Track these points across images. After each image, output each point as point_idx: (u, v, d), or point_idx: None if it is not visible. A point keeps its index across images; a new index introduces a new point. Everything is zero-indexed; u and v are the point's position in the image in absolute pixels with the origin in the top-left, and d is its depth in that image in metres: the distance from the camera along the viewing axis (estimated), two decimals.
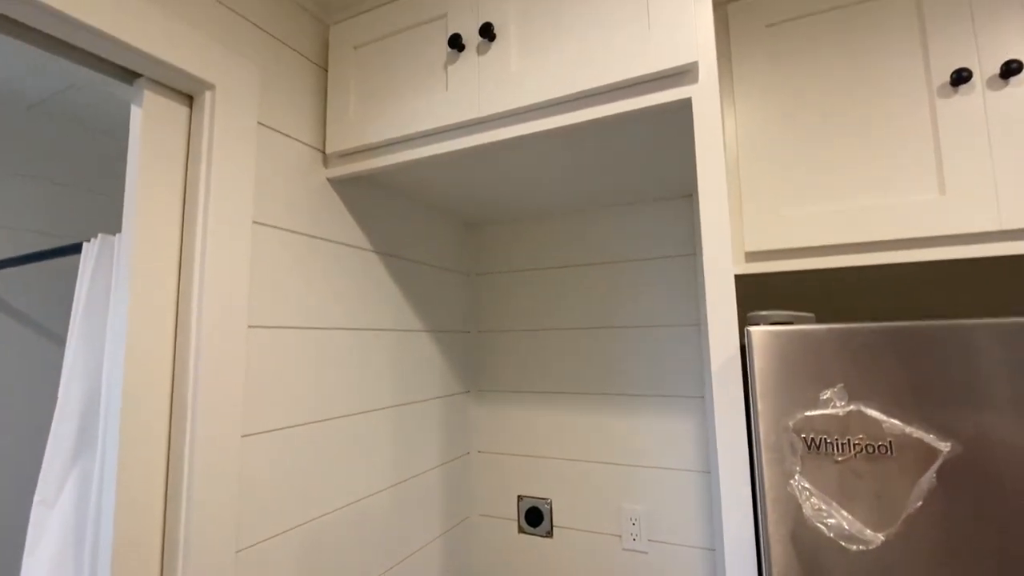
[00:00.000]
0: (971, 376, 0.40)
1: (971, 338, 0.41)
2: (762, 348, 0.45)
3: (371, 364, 1.09)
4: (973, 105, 0.80)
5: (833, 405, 0.42)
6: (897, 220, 0.82)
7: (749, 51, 0.95)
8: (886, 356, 0.42)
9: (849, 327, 0.44)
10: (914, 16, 0.85)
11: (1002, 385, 0.40)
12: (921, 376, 0.41)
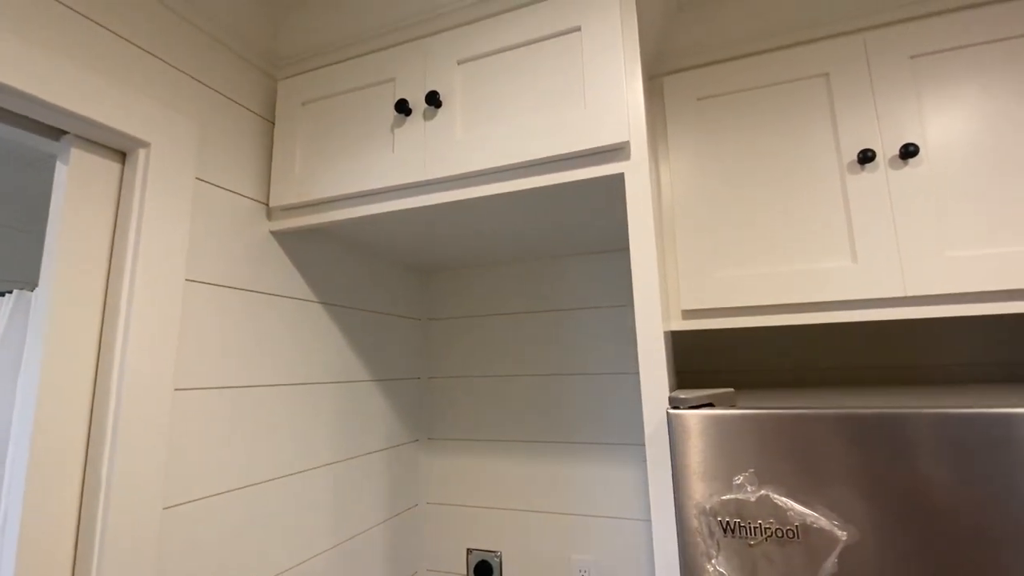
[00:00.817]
0: (871, 463, 0.43)
1: (870, 425, 0.44)
2: (681, 432, 0.47)
3: (311, 420, 1.05)
4: (878, 182, 0.88)
5: (745, 490, 0.44)
6: (816, 285, 0.88)
7: (683, 121, 1.01)
8: (793, 441, 0.45)
9: (758, 412, 0.46)
10: (826, 98, 0.93)
11: (898, 472, 0.43)
12: (824, 461, 0.44)
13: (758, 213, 0.94)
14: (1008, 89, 0.84)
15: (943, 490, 0.42)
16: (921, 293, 0.83)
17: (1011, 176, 0.82)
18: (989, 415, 0.42)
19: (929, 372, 1.06)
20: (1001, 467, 0.41)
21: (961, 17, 0.87)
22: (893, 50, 0.90)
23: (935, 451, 0.43)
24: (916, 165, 0.86)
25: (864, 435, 0.44)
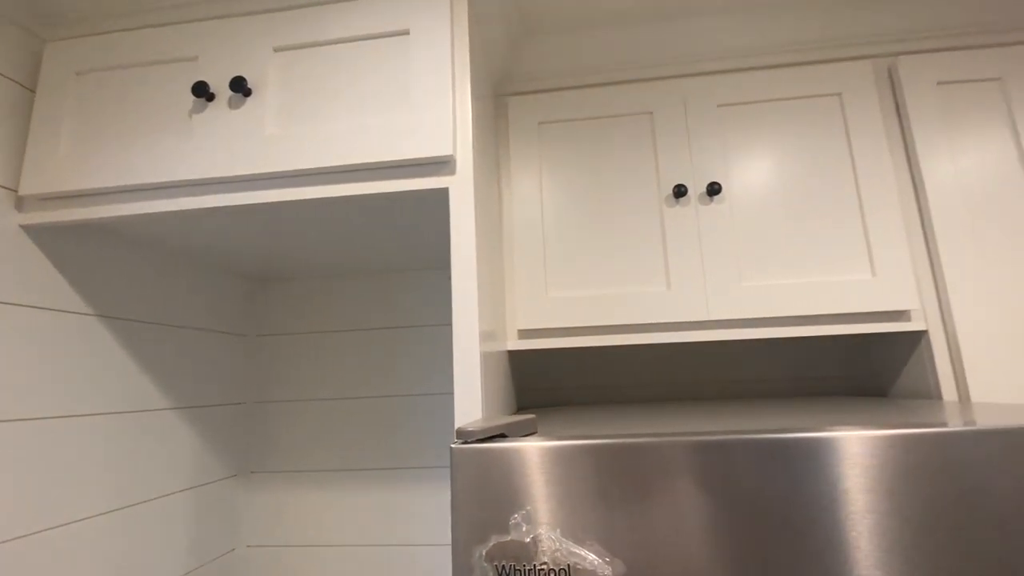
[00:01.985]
0: (645, 492, 0.43)
1: (644, 452, 0.44)
2: (460, 467, 0.43)
3: (72, 462, 0.85)
4: (689, 215, 0.96)
5: (519, 530, 0.41)
6: (636, 307, 0.93)
7: (526, 142, 1.02)
8: (569, 473, 0.43)
9: (540, 445, 0.44)
10: (650, 135, 1.00)
11: (670, 501, 0.43)
12: (599, 493, 0.43)
13: (590, 237, 0.98)
14: (798, 142, 0.97)
15: (716, 517, 0.43)
16: (721, 317, 0.92)
17: (798, 218, 0.94)
18: (761, 440, 0.44)
19: (736, 387, 1.18)
20: (773, 491, 0.43)
21: (764, 75, 0.99)
22: (705, 97, 1.00)
23: (705, 478, 0.44)
24: (720, 202, 0.96)
25: (639, 463, 0.44)
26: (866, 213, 0.92)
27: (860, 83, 0.97)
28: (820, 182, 0.95)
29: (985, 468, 0.44)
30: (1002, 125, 0.93)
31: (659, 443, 0.44)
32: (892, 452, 0.44)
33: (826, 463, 0.44)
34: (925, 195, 0.92)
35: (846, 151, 0.95)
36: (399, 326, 1.27)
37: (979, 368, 0.85)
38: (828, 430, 0.45)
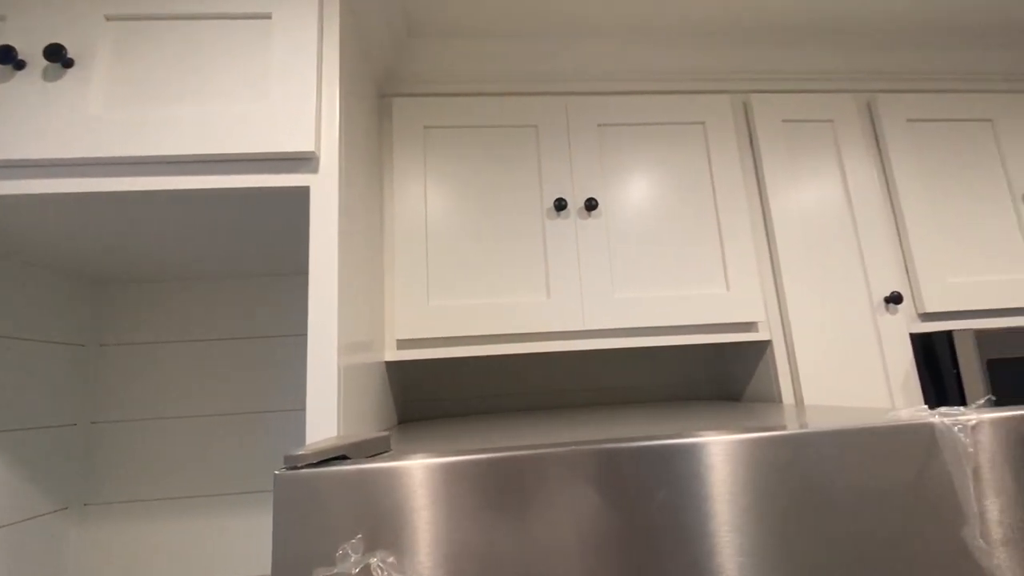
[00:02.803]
0: (491, 512, 0.41)
1: (497, 468, 0.43)
2: (284, 496, 0.39)
3: None
4: (569, 228, 0.99)
5: (346, 561, 0.38)
6: (517, 317, 0.94)
7: (410, 146, 0.99)
8: (407, 494, 0.41)
9: (375, 467, 0.41)
10: (535, 148, 1.02)
11: (512, 520, 0.42)
12: (440, 516, 0.41)
13: (474, 246, 0.97)
14: (668, 164, 1.03)
15: (559, 533, 0.43)
16: (596, 327, 0.95)
17: (666, 235, 1.00)
18: (603, 450, 0.44)
19: (613, 394, 1.23)
20: (622, 500, 0.44)
21: (639, 100, 1.05)
22: (586, 116, 1.04)
23: (553, 491, 0.43)
24: (597, 217, 1.00)
25: (490, 479, 0.43)
26: (723, 234, 1.01)
27: (720, 115, 1.06)
28: (685, 203, 1.02)
29: (821, 466, 0.48)
30: (832, 163, 1.07)
31: (505, 458, 0.44)
32: (739, 454, 0.47)
33: (682, 467, 0.46)
34: (771, 220, 1.03)
35: (708, 176, 1.04)
36: (262, 336, 1.17)
37: (811, 374, 0.96)
38: (689, 436, 0.47)
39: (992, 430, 0.46)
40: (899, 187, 1.06)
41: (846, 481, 0.47)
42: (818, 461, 0.48)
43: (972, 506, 0.44)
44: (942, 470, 0.45)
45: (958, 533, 0.44)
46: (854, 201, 1.05)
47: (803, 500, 0.46)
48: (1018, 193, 1.09)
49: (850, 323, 0.99)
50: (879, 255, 1.03)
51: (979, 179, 1.09)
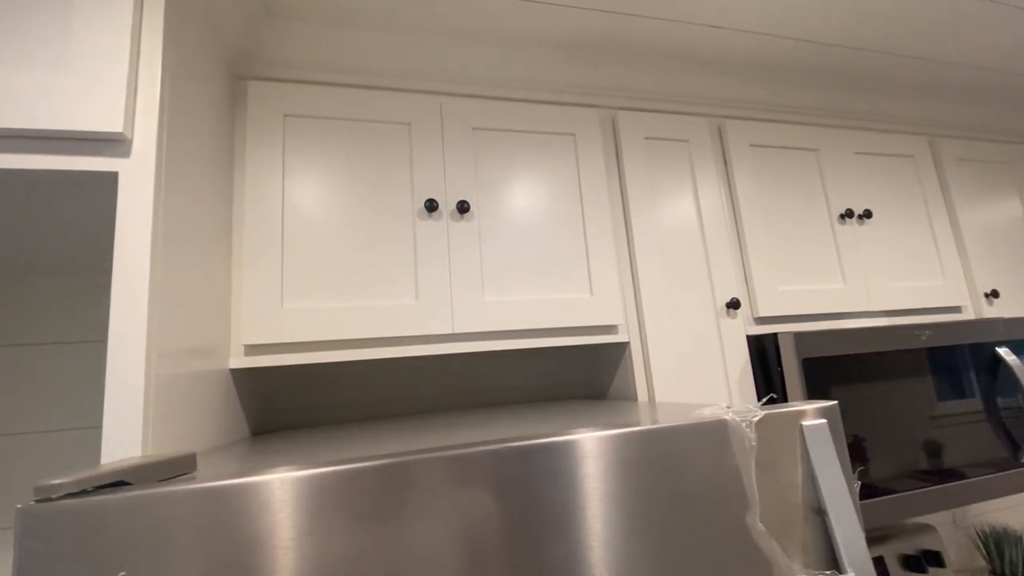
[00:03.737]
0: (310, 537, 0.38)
1: (318, 486, 0.39)
2: (28, 534, 0.33)
3: None
4: (440, 230, 0.97)
5: None
6: (385, 320, 0.91)
7: (267, 135, 0.92)
8: (185, 524, 0.37)
9: (148, 493, 0.37)
10: (407, 146, 0.99)
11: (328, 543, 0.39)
12: (215, 549, 0.37)
13: (336, 245, 0.92)
14: (539, 172, 1.06)
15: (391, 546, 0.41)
16: (466, 330, 0.95)
17: (535, 241, 1.02)
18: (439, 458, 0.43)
19: (486, 396, 1.24)
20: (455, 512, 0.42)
21: (513, 107, 1.07)
22: (461, 118, 1.03)
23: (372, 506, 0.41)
24: (469, 220, 1.00)
25: (308, 500, 0.40)
26: (589, 241, 1.06)
27: (590, 128, 1.11)
28: (555, 210, 1.06)
29: (639, 462, 0.51)
30: (687, 179, 1.17)
31: (324, 475, 0.41)
32: (603, 449, 0.48)
33: (549, 465, 0.46)
34: (632, 230, 1.10)
35: (576, 186, 1.08)
36: (71, 340, 1.01)
37: (663, 372, 1.04)
38: (561, 435, 0.47)
39: (770, 425, 0.52)
40: (741, 204, 1.18)
41: (659, 474, 0.50)
42: (636, 458, 0.51)
43: (754, 494, 0.49)
44: (732, 462, 0.50)
45: (743, 519, 0.49)
46: (704, 215, 1.15)
47: (617, 494, 0.49)
48: (835, 214, 1.27)
49: (697, 326, 1.09)
50: (723, 265, 1.14)
51: (805, 201, 1.25)
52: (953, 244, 1.38)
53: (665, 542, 0.48)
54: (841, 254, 1.24)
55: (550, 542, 0.46)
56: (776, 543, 0.49)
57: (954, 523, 1.59)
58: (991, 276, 1.39)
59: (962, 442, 1.12)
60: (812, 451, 0.52)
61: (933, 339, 1.14)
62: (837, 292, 1.21)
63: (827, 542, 0.51)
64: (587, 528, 0.47)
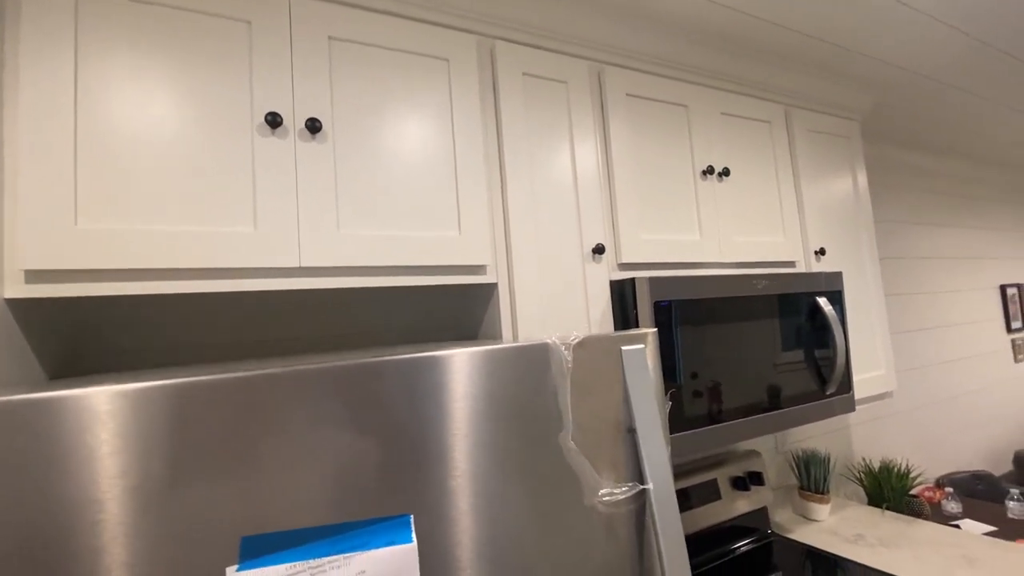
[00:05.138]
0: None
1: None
2: None
3: None
4: (285, 150, 0.87)
5: None
6: (212, 249, 0.80)
7: (51, 15, 0.73)
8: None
9: None
10: (245, 49, 0.86)
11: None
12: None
13: (149, 156, 0.78)
14: (409, 97, 0.97)
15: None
16: (316, 265, 0.87)
17: (402, 172, 0.95)
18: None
19: (342, 340, 1.18)
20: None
21: (379, 19, 0.96)
22: (314, 24, 0.91)
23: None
24: (322, 142, 0.90)
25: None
26: (459, 177, 1.01)
27: (465, 55, 1.04)
28: (424, 141, 0.99)
29: (470, 382, 0.49)
30: (564, 122, 1.15)
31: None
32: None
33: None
34: (505, 169, 1.07)
35: (448, 117, 1.02)
36: None
37: (528, 315, 1.05)
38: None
39: (591, 349, 0.53)
40: (614, 153, 1.20)
41: (482, 392, 0.49)
42: (463, 378, 0.49)
43: (568, 413, 0.50)
44: (551, 383, 0.51)
45: (557, 437, 0.50)
46: (577, 160, 1.15)
47: (436, 415, 0.47)
48: (698, 170, 1.34)
49: (564, 270, 1.10)
50: (592, 212, 1.15)
51: (672, 155, 1.31)
52: (795, 206, 1.54)
53: (485, 456, 0.48)
54: (700, 208, 1.33)
55: (373, 455, 0.43)
56: (587, 460, 0.51)
57: (776, 449, 1.86)
58: (820, 236, 1.58)
59: (785, 378, 1.28)
60: (628, 374, 0.54)
61: (767, 288, 1.27)
62: (694, 244, 1.30)
63: (636, 460, 0.54)
64: (411, 441, 0.44)
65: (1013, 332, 3.00)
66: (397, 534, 0.40)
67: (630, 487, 0.51)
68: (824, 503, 1.71)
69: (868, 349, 1.64)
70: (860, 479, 1.94)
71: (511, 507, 0.48)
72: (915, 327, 2.46)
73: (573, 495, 0.50)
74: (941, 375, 2.54)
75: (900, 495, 1.86)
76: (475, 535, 0.46)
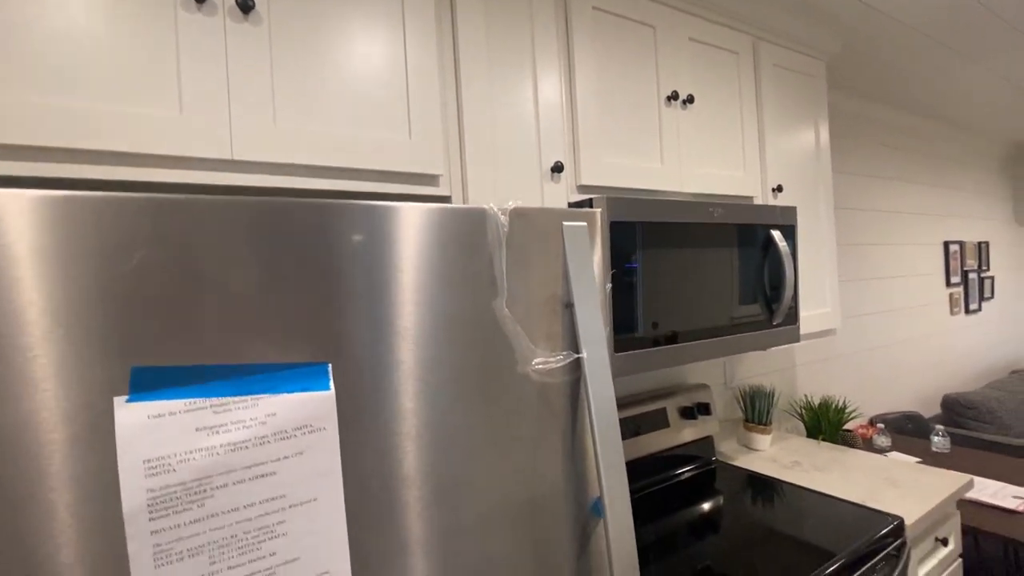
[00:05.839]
0: None
1: None
2: None
3: None
4: (214, 30, 0.78)
5: None
6: (129, 131, 0.73)
7: None
8: None
9: None
10: None
11: None
12: None
13: (71, 27, 0.69)
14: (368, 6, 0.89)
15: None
16: (250, 159, 0.81)
17: (344, 65, 0.88)
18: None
19: None
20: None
21: None
22: None
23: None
24: (257, 24, 0.82)
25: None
26: (410, 78, 0.95)
27: None
28: (372, 36, 0.92)
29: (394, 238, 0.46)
30: (526, 32, 1.09)
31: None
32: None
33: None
34: (461, 74, 1.01)
35: (399, 9, 0.95)
36: None
37: None
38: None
39: (533, 221, 0.51)
40: (577, 69, 1.15)
41: (423, 252, 0.47)
42: (404, 236, 0.46)
43: (503, 281, 0.48)
44: (487, 250, 0.48)
45: (491, 304, 0.48)
46: (539, 74, 1.10)
47: (375, 268, 0.44)
48: (663, 95, 1.31)
49: (520, 187, 1.07)
50: (553, 129, 1.12)
51: (637, 76, 1.27)
52: (756, 141, 1.53)
53: (415, 314, 0.46)
54: (663, 135, 1.30)
55: (288, 299, 0.40)
56: (521, 329, 0.49)
57: (725, 385, 1.93)
58: (779, 173, 1.59)
59: (735, 306, 1.31)
60: (569, 249, 0.52)
61: (723, 216, 1.27)
62: (655, 171, 1.28)
63: (572, 334, 0.53)
64: (331, 289, 0.42)
65: (951, 287, 3.17)
66: (313, 381, 0.38)
67: (565, 356, 0.50)
68: (766, 433, 1.81)
69: (817, 288, 1.69)
70: (801, 414, 2.05)
71: (441, 371, 0.46)
72: (861, 276, 2.57)
73: (507, 363, 0.48)
74: (882, 323, 2.67)
75: (835, 428, 1.98)
76: (398, 391, 0.44)
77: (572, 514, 0.53)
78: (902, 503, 1.33)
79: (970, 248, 3.33)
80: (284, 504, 0.37)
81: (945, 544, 1.42)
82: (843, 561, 1.08)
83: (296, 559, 0.37)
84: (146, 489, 0.32)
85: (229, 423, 0.35)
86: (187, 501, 0.33)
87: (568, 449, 0.53)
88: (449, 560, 0.45)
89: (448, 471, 0.46)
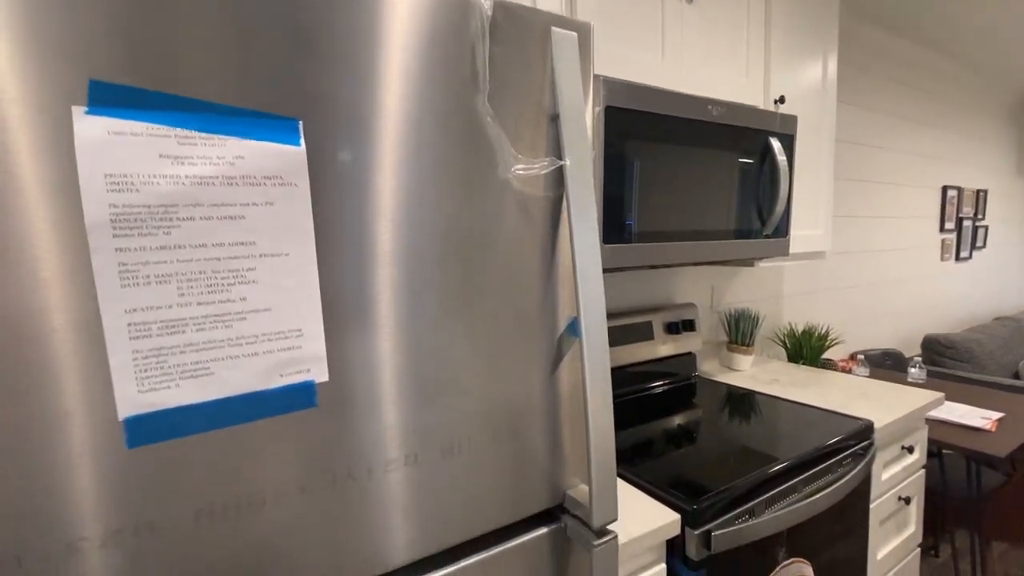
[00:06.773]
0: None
1: None
2: None
3: None
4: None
5: None
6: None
7: None
8: None
9: None
10: None
11: None
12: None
13: None
14: None
15: None
16: None
17: None
18: None
19: None
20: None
21: None
22: None
23: None
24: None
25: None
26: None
27: None
28: None
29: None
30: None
31: None
32: None
33: None
34: None
35: None
36: None
37: None
38: None
39: (519, 25, 0.48)
40: None
41: (403, 41, 0.45)
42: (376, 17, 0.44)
43: (485, 74, 0.46)
44: (469, 43, 0.46)
45: (473, 102, 0.47)
46: None
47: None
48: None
49: None
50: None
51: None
52: (762, 50, 1.48)
53: (400, 105, 0.44)
54: (665, 28, 1.25)
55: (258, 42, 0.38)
56: (504, 133, 0.48)
57: (711, 308, 1.96)
58: (782, 84, 1.54)
59: (727, 211, 1.30)
60: (557, 59, 0.50)
61: (721, 116, 1.24)
62: (655, 65, 1.24)
63: (555, 149, 0.52)
64: (324, 56, 0.40)
65: (944, 232, 3.18)
66: (283, 134, 0.37)
67: (549, 162, 0.49)
68: (748, 354, 1.84)
69: (810, 208, 1.68)
70: (784, 342, 2.09)
71: (422, 167, 0.45)
72: (857, 213, 2.56)
73: (488, 164, 0.47)
74: (872, 261, 2.69)
75: (816, 354, 2.03)
76: (372, 168, 0.43)
77: (548, 326, 0.54)
78: (873, 412, 1.38)
79: (968, 195, 3.31)
80: (254, 252, 0.36)
81: (911, 452, 1.49)
82: (810, 456, 1.12)
83: (267, 309, 0.37)
84: (108, 204, 0.32)
85: (195, 156, 0.34)
86: (152, 226, 0.33)
87: (547, 265, 0.53)
88: (423, 341, 0.46)
89: (426, 252, 0.46)
